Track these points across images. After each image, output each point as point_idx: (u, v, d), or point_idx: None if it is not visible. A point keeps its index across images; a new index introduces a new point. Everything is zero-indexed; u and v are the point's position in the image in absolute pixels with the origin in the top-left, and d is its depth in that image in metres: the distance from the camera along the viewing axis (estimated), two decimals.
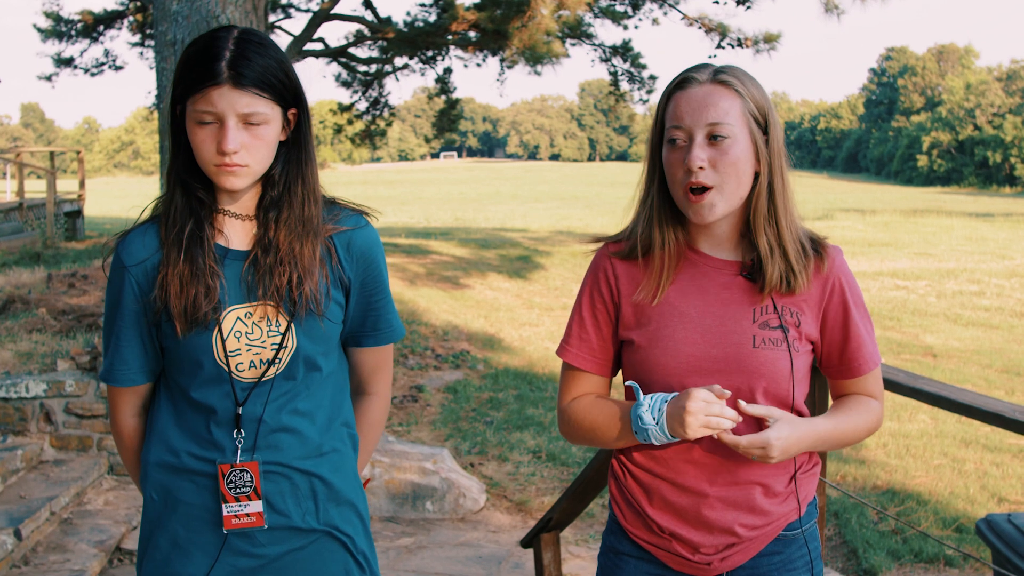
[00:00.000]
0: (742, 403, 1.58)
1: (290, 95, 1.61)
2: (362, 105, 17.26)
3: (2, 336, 5.59)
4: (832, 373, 1.76)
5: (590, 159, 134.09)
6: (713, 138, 1.60)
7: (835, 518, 5.23)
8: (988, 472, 6.23)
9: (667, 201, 1.69)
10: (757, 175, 1.65)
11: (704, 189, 1.60)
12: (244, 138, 1.55)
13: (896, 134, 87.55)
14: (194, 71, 1.54)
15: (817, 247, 1.71)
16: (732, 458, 1.65)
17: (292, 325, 1.64)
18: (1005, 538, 2.98)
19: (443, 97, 17.01)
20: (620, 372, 1.81)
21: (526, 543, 3.52)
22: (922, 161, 76.44)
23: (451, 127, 17.88)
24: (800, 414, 1.70)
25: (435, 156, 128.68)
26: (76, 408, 4.70)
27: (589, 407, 1.75)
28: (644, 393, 1.68)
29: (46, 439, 4.70)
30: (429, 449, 5.43)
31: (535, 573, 3.48)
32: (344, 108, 17.32)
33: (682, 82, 1.64)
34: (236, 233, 1.67)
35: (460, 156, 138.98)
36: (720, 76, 1.62)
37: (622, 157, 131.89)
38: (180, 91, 1.57)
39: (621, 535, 1.79)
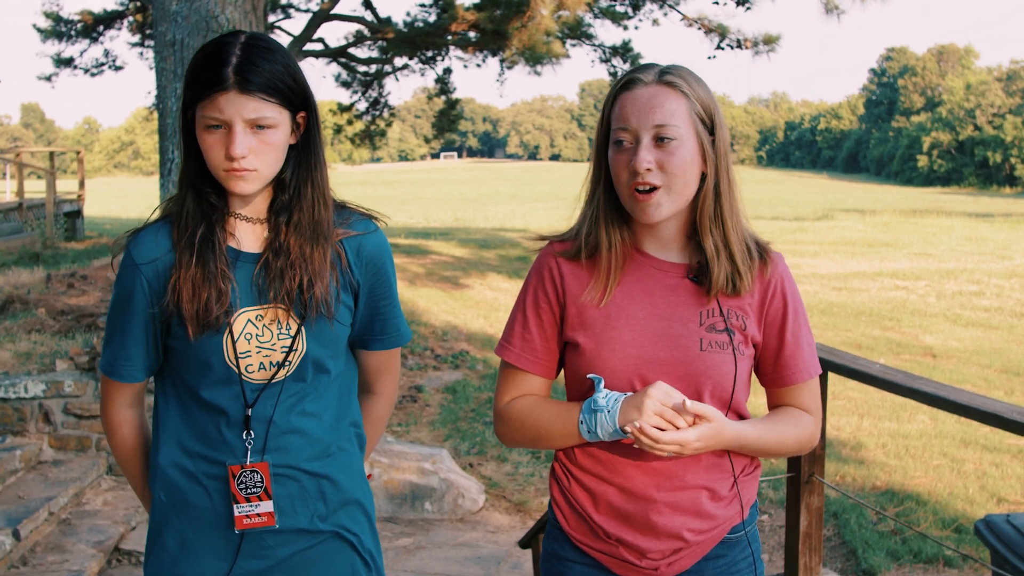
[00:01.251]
0: (688, 401, 1.55)
1: (298, 99, 1.62)
2: (362, 105, 17.26)
3: (1, 336, 5.58)
4: (766, 381, 1.75)
5: (590, 159, 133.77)
6: (660, 140, 1.58)
7: (834, 518, 5.23)
8: (987, 472, 6.23)
9: (613, 202, 1.67)
10: (704, 176, 1.64)
11: (652, 189, 1.59)
12: (252, 143, 1.56)
13: (896, 134, 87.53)
14: (201, 77, 1.56)
15: (762, 251, 1.70)
16: (679, 462, 1.64)
17: (302, 328, 1.65)
18: (1004, 539, 2.98)
19: (443, 97, 17.01)
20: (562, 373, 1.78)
21: (524, 543, 3.52)
22: (922, 161, 76.45)
23: (451, 127, 17.88)
24: (741, 417, 1.70)
25: (435, 156, 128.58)
26: (75, 408, 4.70)
27: (531, 406, 1.72)
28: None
29: (45, 439, 4.70)
30: (428, 449, 5.43)
31: (533, 573, 3.48)
32: (344, 108, 17.32)
33: (628, 83, 1.62)
34: (248, 236, 1.68)
35: (460, 156, 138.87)
36: (666, 77, 1.60)
37: None
38: (189, 97, 1.59)
39: (564, 541, 1.75)
